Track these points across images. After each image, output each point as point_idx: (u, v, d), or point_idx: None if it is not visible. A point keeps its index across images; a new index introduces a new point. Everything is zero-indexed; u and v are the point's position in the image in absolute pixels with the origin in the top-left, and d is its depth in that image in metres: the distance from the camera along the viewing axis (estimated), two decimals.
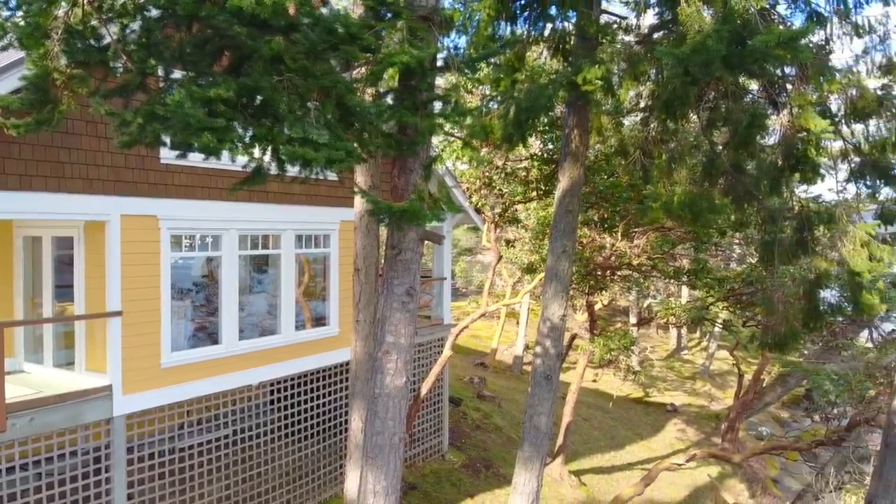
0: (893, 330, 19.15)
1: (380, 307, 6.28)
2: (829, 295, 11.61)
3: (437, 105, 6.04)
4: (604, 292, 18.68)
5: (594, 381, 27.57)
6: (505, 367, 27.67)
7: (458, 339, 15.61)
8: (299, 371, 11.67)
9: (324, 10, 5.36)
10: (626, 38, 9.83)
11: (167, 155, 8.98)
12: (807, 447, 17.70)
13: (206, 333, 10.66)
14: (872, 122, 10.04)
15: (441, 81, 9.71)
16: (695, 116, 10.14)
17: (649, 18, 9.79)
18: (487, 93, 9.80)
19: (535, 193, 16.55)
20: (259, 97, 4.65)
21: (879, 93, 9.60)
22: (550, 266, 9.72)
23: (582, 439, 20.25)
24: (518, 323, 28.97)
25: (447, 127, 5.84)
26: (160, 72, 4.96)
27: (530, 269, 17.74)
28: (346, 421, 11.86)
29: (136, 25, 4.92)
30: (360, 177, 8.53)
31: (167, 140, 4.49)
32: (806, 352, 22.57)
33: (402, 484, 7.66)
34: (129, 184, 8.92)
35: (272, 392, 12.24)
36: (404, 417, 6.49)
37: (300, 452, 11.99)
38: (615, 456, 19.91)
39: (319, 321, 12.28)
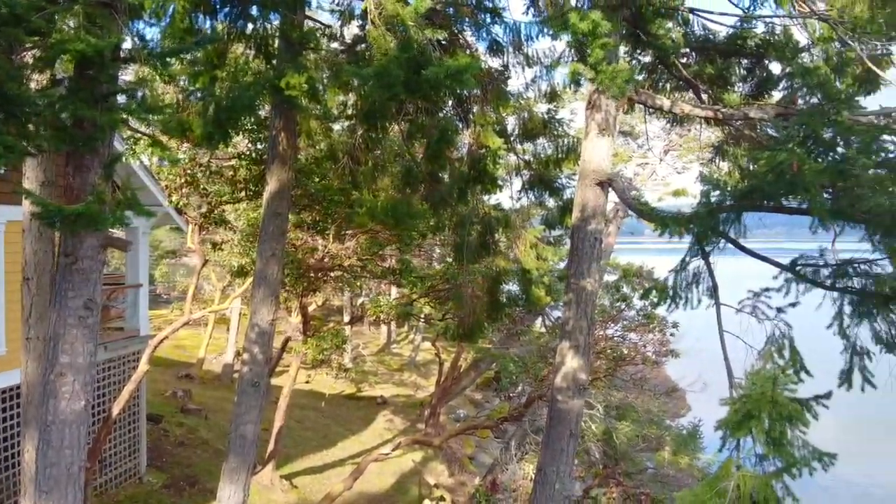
0: (559, 317, 22.48)
1: (52, 323, 5.53)
2: (509, 289, 13.31)
3: (124, 98, 5.52)
4: (317, 293, 18.84)
5: (307, 382, 27.62)
6: (214, 376, 26.35)
7: (159, 351, 14.41)
8: None
9: None
10: (333, 46, 10.05)
11: None
12: (494, 424, 20.00)
13: None
14: (540, 142, 11.75)
15: (131, 73, 8.86)
16: (398, 127, 10.79)
17: (354, 29, 10.15)
18: (186, 86, 9.21)
19: (244, 194, 15.99)
20: None
21: (545, 116, 11.27)
22: (259, 270, 9.51)
23: (294, 442, 20.19)
24: (228, 329, 27.77)
25: (133, 122, 5.37)
26: None
27: (241, 273, 17.10)
28: (19, 452, 10.19)
29: None
30: (31, 172, 7.36)
31: None
32: (495, 339, 25.44)
33: None
34: None
35: None
36: (84, 445, 5.82)
37: None
38: (328, 454, 20.25)
39: None
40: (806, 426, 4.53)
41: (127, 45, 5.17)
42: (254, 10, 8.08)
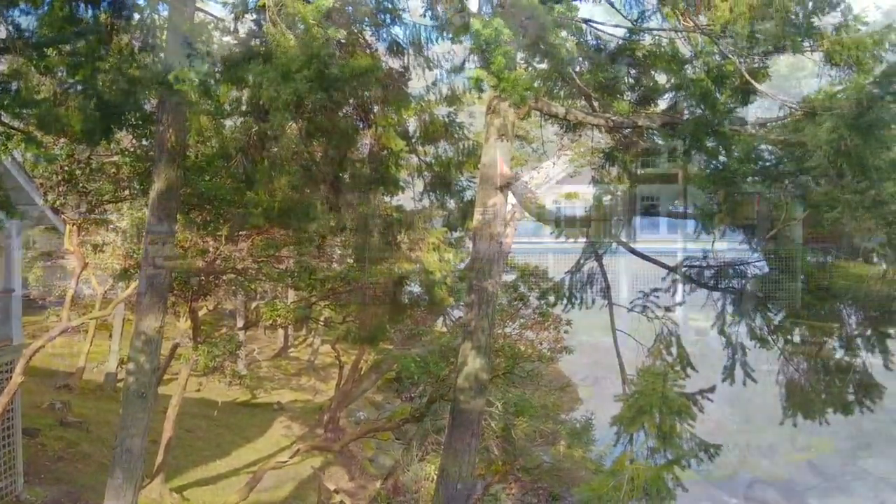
0: (460, 317, 22.72)
1: None
2: (411, 290, 13.33)
3: None
4: (208, 297, 18.08)
5: (198, 390, 26.46)
6: (95, 386, 24.70)
7: (34, 360, 13.37)
8: None
9: None
10: (226, 39, 9.65)
11: None
12: (395, 426, 19.93)
13: None
14: (441, 144, 11.83)
15: (5, 65, 8.12)
16: (296, 125, 10.51)
17: (248, 23, 9.79)
18: (65, 78, 8.54)
19: (127, 192, 15.10)
20: None
21: (446, 120, 11.36)
22: (146, 275, 9.02)
23: (185, 452, 19.29)
24: (111, 336, 26.12)
25: (5, 117, 4.93)
26: None
27: (125, 277, 16.13)
28: None
29: None
30: None
31: None
32: (396, 340, 25.31)
33: None
34: None
35: None
36: None
37: None
38: (221, 464, 19.49)
39: None
40: (693, 420, 4.82)
41: (0, 34, 4.73)
42: (141, 0, 7.64)
